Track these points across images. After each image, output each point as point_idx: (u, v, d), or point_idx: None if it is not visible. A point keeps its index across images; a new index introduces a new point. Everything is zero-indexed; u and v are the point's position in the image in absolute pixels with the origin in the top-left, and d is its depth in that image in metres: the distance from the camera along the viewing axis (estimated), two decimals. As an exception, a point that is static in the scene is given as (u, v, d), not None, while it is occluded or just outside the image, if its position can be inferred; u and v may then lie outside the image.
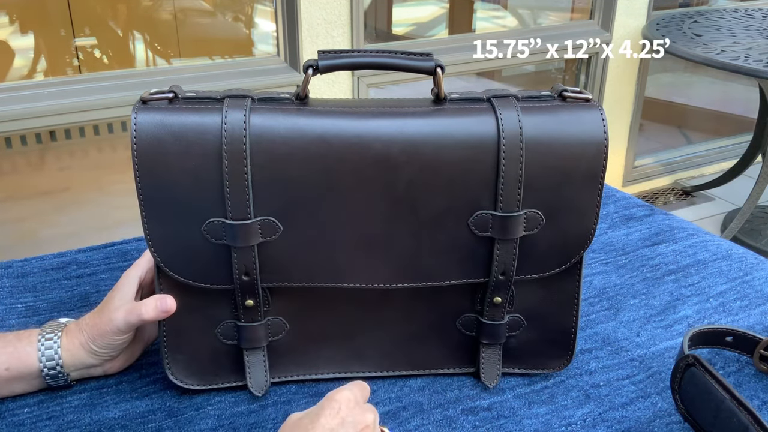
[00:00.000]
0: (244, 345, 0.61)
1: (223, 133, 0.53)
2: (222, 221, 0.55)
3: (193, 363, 0.61)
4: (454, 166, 0.55)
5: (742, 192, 2.27)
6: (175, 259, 0.57)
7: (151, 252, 0.56)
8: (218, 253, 0.57)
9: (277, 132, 0.54)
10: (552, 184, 0.57)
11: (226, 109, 0.54)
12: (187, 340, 0.61)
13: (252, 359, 0.62)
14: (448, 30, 2.73)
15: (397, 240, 0.57)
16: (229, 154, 0.53)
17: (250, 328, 0.60)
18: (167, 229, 0.56)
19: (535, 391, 0.64)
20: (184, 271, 0.57)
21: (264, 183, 0.55)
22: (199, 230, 0.56)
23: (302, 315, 0.62)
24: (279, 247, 0.57)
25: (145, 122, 0.53)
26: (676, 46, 1.95)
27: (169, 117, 0.54)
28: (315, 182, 0.55)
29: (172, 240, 0.56)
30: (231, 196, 0.54)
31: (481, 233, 0.58)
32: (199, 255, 0.57)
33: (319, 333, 0.63)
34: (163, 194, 0.54)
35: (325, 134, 0.54)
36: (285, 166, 0.54)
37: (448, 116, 0.56)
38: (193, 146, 0.53)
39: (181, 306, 0.59)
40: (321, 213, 0.56)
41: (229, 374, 0.62)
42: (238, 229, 0.55)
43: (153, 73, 1.63)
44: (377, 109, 0.56)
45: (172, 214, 0.55)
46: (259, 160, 0.54)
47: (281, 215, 0.56)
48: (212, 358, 0.62)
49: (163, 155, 0.53)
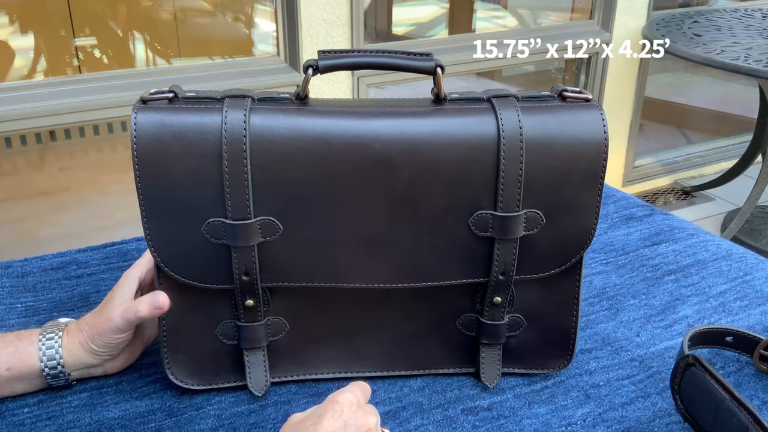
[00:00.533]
0: (244, 345, 0.61)
1: (223, 133, 0.53)
2: (222, 221, 0.55)
3: (193, 363, 0.61)
4: (454, 166, 0.55)
5: (742, 192, 2.28)
6: (175, 259, 0.57)
7: (151, 252, 0.56)
8: (218, 253, 0.57)
9: (277, 132, 0.54)
10: (552, 184, 0.57)
11: (226, 109, 0.54)
12: (187, 339, 0.61)
13: (252, 359, 0.62)
14: (448, 30, 2.73)
15: (397, 240, 0.57)
16: (229, 153, 0.53)
17: (250, 328, 0.60)
18: (167, 229, 0.56)
19: (535, 391, 0.64)
20: (184, 271, 0.57)
21: (264, 183, 0.54)
22: (199, 230, 0.56)
23: (302, 315, 0.62)
24: (279, 247, 0.57)
25: (145, 122, 0.53)
26: (676, 46, 1.95)
27: (169, 117, 0.54)
28: (315, 182, 0.55)
29: (172, 240, 0.56)
30: (231, 196, 0.54)
31: (481, 233, 0.58)
32: (199, 255, 0.57)
33: (319, 333, 0.63)
34: (163, 194, 0.54)
35: (325, 134, 0.54)
36: (285, 166, 0.54)
37: (448, 116, 0.56)
38: (193, 146, 0.53)
39: (181, 306, 0.59)
40: (321, 213, 0.56)
41: (229, 374, 0.62)
42: (238, 229, 0.55)
43: (153, 73, 1.63)
44: (377, 109, 0.56)
45: (172, 214, 0.55)
46: (259, 159, 0.54)
47: (281, 215, 0.56)
48: (212, 357, 0.62)
49: (163, 155, 0.53)
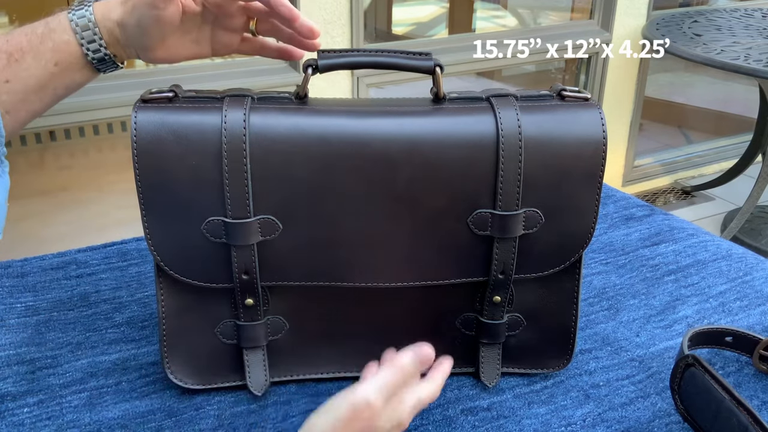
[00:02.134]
0: (244, 344, 0.61)
1: (223, 132, 0.53)
2: (222, 220, 0.55)
3: (192, 362, 0.61)
4: (453, 165, 0.55)
5: (742, 192, 2.28)
6: (175, 258, 0.57)
7: (152, 251, 0.56)
8: (218, 252, 0.57)
9: (276, 131, 0.54)
10: (551, 183, 0.57)
11: (226, 108, 0.54)
12: (187, 340, 0.61)
13: (251, 358, 0.62)
14: (448, 30, 2.73)
15: (397, 239, 0.57)
16: (229, 152, 0.53)
17: (249, 327, 0.60)
18: (167, 228, 0.56)
19: (534, 391, 0.64)
20: (184, 271, 0.57)
21: (264, 182, 0.54)
22: (199, 229, 0.56)
23: (301, 314, 0.62)
24: (278, 246, 0.57)
25: (145, 121, 0.53)
26: (676, 46, 1.95)
27: (170, 116, 0.53)
28: (315, 181, 0.55)
29: (172, 239, 0.56)
30: (231, 194, 0.54)
31: (480, 232, 0.58)
32: (198, 254, 0.57)
33: (319, 332, 0.63)
34: (163, 193, 0.54)
35: (325, 133, 0.54)
36: (285, 165, 0.54)
37: (447, 115, 0.56)
38: (194, 145, 0.53)
39: (180, 306, 0.59)
40: (320, 212, 0.56)
41: (228, 373, 0.62)
42: (238, 228, 0.55)
43: (153, 73, 1.63)
44: (377, 108, 0.56)
45: (172, 214, 0.55)
46: (259, 158, 0.54)
47: (281, 214, 0.56)
48: (212, 357, 0.62)
49: (163, 154, 0.53)
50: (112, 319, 0.72)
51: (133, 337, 0.69)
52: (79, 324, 0.71)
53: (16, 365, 0.65)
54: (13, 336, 0.69)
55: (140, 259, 0.83)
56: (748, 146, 2.41)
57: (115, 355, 0.67)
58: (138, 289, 0.77)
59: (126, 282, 0.78)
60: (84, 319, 0.72)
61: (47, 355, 0.66)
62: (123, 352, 0.67)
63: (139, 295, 0.76)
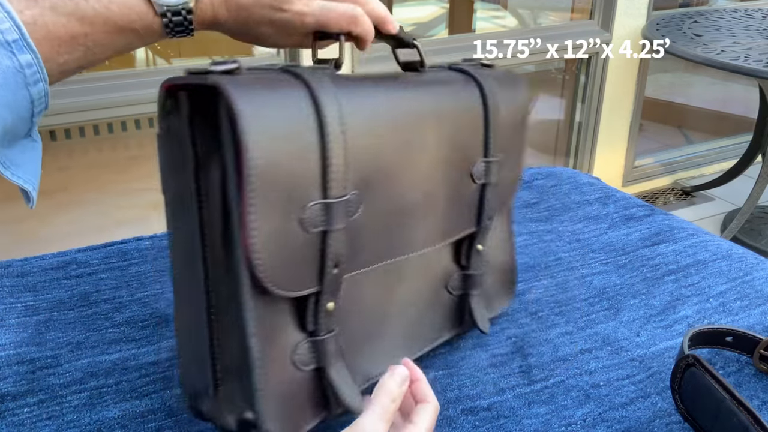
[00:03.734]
0: (326, 362, 0.51)
1: (320, 105, 0.47)
2: (322, 203, 0.47)
3: (285, 412, 0.50)
4: (460, 123, 0.60)
5: (742, 192, 2.28)
6: (276, 265, 0.46)
7: (255, 263, 0.44)
8: (309, 247, 0.48)
9: (363, 103, 0.50)
10: (508, 133, 0.64)
11: (311, 81, 0.48)
12: (275, 380, 0.49)
13: (337, 375, 0.51)
14: (448, 30, 2.73)
15: (436, 201, 0.59)
16: (326, 126, 0.47)
17: (330, 341, 0.51)
18: (269, 227, 0.45)
19: (534, 391, 0.64)
20: (282, 280, 0.46)
21: (353, 157, 0.49)
22: (297, 220, 0.46)
23: (341, 314, 0.53)
24: (358, 227, 0.51)
25: (244, 98, 0.43)
26: (676, 46, 1.95)
27: (265, 92, 0.45)
28: (391, 152, 0.52)
29: (273, 242, 0.45)
30: (333, 170, 0.47)
31: (478, 181, 0.62)
32: (291, 255, 0.47)
33: (356, 330, 0.56)
34: (268, 183, 0.44)
35: (398, 104, 0.54)
36: (372, 140, 0.50)
37: (443, 83, 0.60)
38: (294, 121, 0.46)
39: (267, 335, 0.48)
40: (394, 183, 0.53)
41: (313, 408, 0.52)
42: (340, 208, 0.48)
43: (153, 73, 1.63)
44: (404, 80, 0.58)
45: (274, 207, 0.45)
46: (350, 134, 0.48)
47: (362, 190, 0.50)
48: (296, 395, 0.51)
49: (270, 132, 0.44)
50: (112, 318, 0.72)
51: (133, 337, 0.69)
52: (79, 324, 0.71)
53: (16, 365, 0.65)
54: (13, 336, 0.69)
55: (140, 259, 0.83)
56: (748, 146, 2.41)
57: (115, 355, 0.67)
58: (138, 288, 0.77)
59: (126, 282, 0.78)
60: (84, 318, 0.72)
61: (47, 355, 0.66)
62: (123, 352, 0.67)
63: (139, 295, 0.76)
